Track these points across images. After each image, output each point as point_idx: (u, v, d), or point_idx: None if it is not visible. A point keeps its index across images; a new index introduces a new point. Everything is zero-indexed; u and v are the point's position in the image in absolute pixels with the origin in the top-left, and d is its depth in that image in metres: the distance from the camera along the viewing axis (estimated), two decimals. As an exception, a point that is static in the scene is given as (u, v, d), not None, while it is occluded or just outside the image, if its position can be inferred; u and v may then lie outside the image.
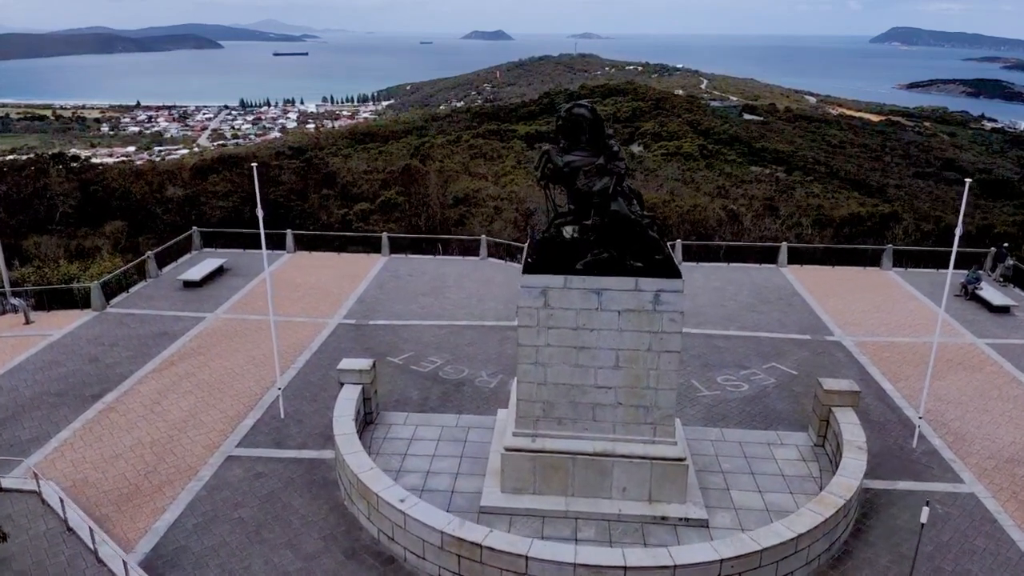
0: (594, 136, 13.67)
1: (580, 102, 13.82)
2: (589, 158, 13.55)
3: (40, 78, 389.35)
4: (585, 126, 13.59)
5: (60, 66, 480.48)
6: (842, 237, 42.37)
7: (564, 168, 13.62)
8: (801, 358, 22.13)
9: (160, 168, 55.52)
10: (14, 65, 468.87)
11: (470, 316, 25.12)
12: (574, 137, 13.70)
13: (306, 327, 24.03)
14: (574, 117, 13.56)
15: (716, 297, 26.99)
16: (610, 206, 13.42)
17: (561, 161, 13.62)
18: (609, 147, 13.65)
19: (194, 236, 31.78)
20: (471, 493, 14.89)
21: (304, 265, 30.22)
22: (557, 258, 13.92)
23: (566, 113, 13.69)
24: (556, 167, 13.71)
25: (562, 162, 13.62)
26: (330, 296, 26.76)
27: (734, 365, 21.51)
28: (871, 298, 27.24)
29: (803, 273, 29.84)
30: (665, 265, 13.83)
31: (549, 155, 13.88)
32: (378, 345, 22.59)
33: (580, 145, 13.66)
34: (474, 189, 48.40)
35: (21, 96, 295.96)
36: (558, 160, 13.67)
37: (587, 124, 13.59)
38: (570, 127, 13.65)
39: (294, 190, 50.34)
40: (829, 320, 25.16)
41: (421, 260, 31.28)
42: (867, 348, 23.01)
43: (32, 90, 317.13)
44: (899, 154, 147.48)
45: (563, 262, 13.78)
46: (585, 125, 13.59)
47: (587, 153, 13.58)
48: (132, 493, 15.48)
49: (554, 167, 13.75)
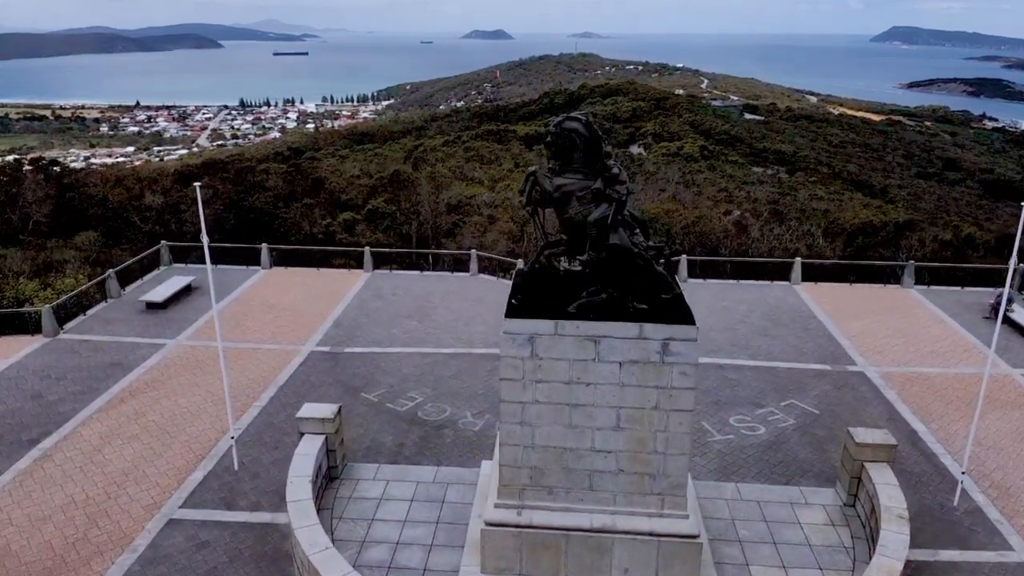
0: (590, 155, 11.49)
1: (573, 115, 11.61)
2: (584, 181, 11.38)
3: (40, 78, 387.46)
4: (579, 143, 11.40)
5: (60, 66, 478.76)
6: (855, 248, 40.24)
7: (554, 193, 11.46)
8: (822, 393, 19.94)
9: (141, 174, 53.26)
10: (13, 65, 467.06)
11: (457, 342, 22.94)
12: (566, 156, 11.51)
13: (275, 356, 21.85)
14: (566, 133, 11.35)
15: (725, 319, 24.80)
16: (609, 238, 11.24)
17: (551, 185, 11.46)
18: (608, 168, 11.45)
19: (162, 251, 29.59)
20: (447, 573, 12.70)
21: (279, 283, 28.03)
22: (547, 298, 11.75)
23: (556, 128, 11.47)
24: (544, 192, 11.55)
25: (552, 186, 11.45)
26: (304, 319, 24.58)
27: (748, 403, 19.32)
28: (894, 320, 25.05)
29: (818, 291, 27.64)
30: (675, 307, 11.63)
31: (536, 178, 11.70)
32: (352, 378, 20.40)
33: (573, 165, 11.47)
34: (468, 196, 46.25)
35: (20, 96, 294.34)
36: (547, 184, 11.50)
37: (581, 141, 11.40)
38: (561, 144, 11.45)
39: (280, 196, 48.24)
40: (850, 346, 22.98)
41: (406, 277, 29.10)
42: (894, 380, 20.83)
43: (31, 90, 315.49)
44: (901, 154, 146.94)
45: (554, 303, 11.61)
46: (579, 142, 11.40)
47: (581, 176, 11.40)
48: (56, 567, 13.30)
49: (542, 192, 11.59)
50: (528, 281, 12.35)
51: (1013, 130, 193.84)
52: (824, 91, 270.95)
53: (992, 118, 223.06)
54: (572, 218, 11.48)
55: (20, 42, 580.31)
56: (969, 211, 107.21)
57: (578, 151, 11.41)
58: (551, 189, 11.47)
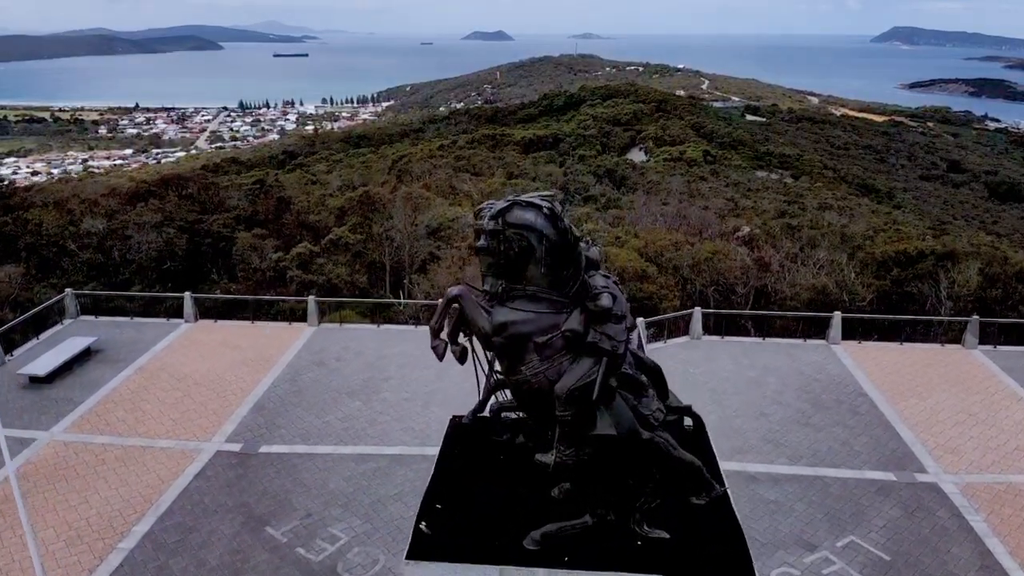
0: (557, 266, 6.45)
1: (529, 197, 6.51)
2: (547, 316, 6.39)
3: (39, 80, 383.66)
4: (539, 249, 6.36)
5: (59, 68, 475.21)
6: (890, 281, 35.09)
7: (494, 336, 6.45)
8: (890, 523, 14.82)
9: (85, 194, 48.11)
10: (13, 67, 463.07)
11: (408, 435, 17.86)
12: (514, 269, 6.47)
13: (168, 459, 16.76)
14: (514, 234, 6.30)
15: (753, 399, 19.69)
16: (596, 424, 6.20)
17: (487, 323, 6.45)
18: (590, 289, 6.40)
19: (67, 301, 24.48)
20: None
21: (202, 342, 22.91)
22: (490, 504, 6.75)
23: (494, 223, 6.39)
24: (479, 333, 6.55)
25: (490, 325, 6.45)
26: (220, 398, 19.49)
27: (794, 541, 14.20)
28: (961, 398, 19.94)
29: (863, 354, 22.51)
30: (719, 539, 6.56)
31: (462, 308, 6.65)
32: (260, 500, 15.30)
33: (528, 288, 6.45)
34: (450, 219, 41.10)
35: (19, 98, 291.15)
36: (480, 320, 6.51)
37: (543, 245, 6.37)
38: (506, 252, 6.39)
39: (241, 218, 43.19)
40: (913, 439, 17.86)
41: (359, 333, 23.94)
42: (979, 497, 15.72)
43: (30, 92, 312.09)
44: (904, 155, 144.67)
45: (499, 522, 6.59)
46: (539, 247, 6.36)
47: (543, 305, 6.39)
48: None
49: (476, 332, 6.58)
50: (462, 460, 7.34)
51: (1016, 131, 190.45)
52: (825, 92, 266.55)
53: (994, 119, 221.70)
54: (528, 382, 6.44)
55: (19, 44, 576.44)
56: (975, 214, 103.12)
57: (536, 263, 6.33)
58: (488, 329, 6.43)
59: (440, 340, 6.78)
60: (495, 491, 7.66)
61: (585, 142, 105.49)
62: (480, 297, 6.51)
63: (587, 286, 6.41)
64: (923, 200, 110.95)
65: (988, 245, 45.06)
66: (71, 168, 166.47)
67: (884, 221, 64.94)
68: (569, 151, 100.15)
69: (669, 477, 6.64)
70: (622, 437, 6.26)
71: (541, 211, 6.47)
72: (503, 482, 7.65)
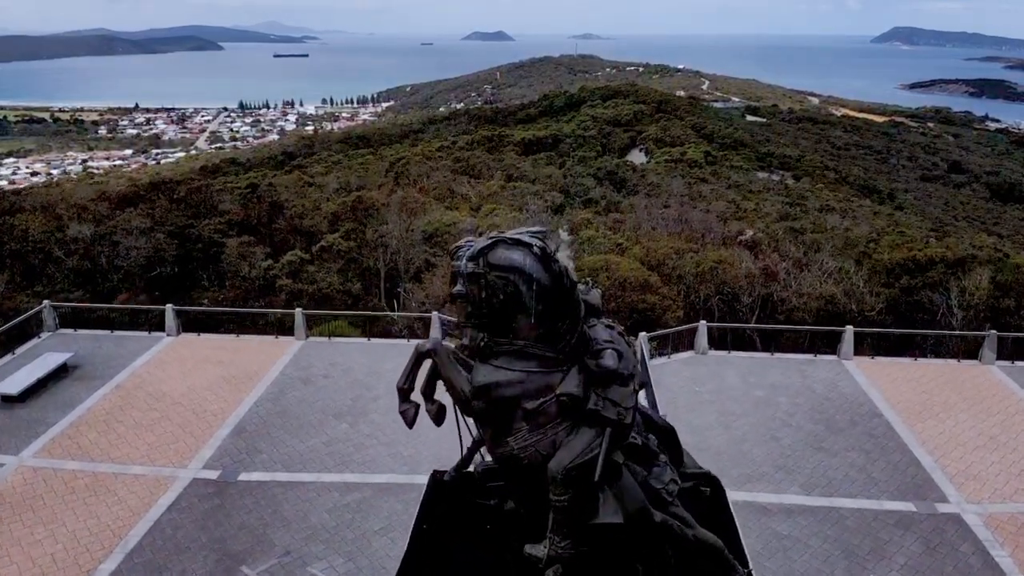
0: (550, 316, 5.41)
1: (516, 234, 5.48)
2: (538, 376, 5.36)
3: (39, 80, 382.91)
4: (527, 296, 5.32)
5: (59, 68, 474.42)
6: (899, 289, 34.14)
7: (475, 401, 5.43)
8: (911, 560, 13.81)
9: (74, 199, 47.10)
10: (13, 67, 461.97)
11: (396, 462, 16.86)
12: (500, 320, 5.43)
13: (141, 488, 15.75)
14: (499, 279, 5.26)
15: (762, 419, 18.68)
16: (597, 515, 5.19)
17: (468, 385, 5.43)
18: (591, 344, 5.39)
19: (45, 314, 23.46)
20: None
21: (184, 358, 21.89)
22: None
23: (475, 266, 5.34)
24: (458, 396, 5.53)
25: (471, 386, 5.43)
26: (199, 418, 18.48)
27: (809, 583, 13.21)
28: (981, 419, 18.92)
29: (876, 371, 21.48)
30: None
31: (438, 363, 5.63)
32: (236, 535, 14.29)
33: (515, 341, 5.42)
34: (446, 224, 40.11)
35: (19, 99, 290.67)
36: (459, 381, 5.49)
37: (532, 291, 5.33)
38: (489, 300, 5.35)
39: (233, 223, 42.20)
40: (933, 466, 16.85)
41: (348, 347, 22.92)
42: (1003, 530, 14.70)
43: (30, 92, 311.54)
44: (905, 156, 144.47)
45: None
46: (527, 293, 5.32)
47: (534, 364, 5.37)
48: None
49: (453, 395, 5.56)
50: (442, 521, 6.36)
51: (1016, 131, 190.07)
52: (825, 92, 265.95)
53: (994, 119, 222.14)
54: (516, 457, 5.41)
55: (19, 44, 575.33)
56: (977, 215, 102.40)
57: (525, 312, 5.30)
58: (468, 393, 5.41)
59: (410, 403, 5.80)
60: (479, 555, 6.76)
61: (585, 143, 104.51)
62: (458, 351, 5.50)
63: (587, 339, 5.38)
64: (924, 201, 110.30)
65: (990, 247, 44.06)
66: (71, 168, 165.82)
67: (887, 223, 64.15)
68: (569, 152, 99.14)
69: (685, 560, 5.65)
70: (630, 523, 5.24)
71: (530, 250, 5.44)
72: (489, 547, 6.71)
